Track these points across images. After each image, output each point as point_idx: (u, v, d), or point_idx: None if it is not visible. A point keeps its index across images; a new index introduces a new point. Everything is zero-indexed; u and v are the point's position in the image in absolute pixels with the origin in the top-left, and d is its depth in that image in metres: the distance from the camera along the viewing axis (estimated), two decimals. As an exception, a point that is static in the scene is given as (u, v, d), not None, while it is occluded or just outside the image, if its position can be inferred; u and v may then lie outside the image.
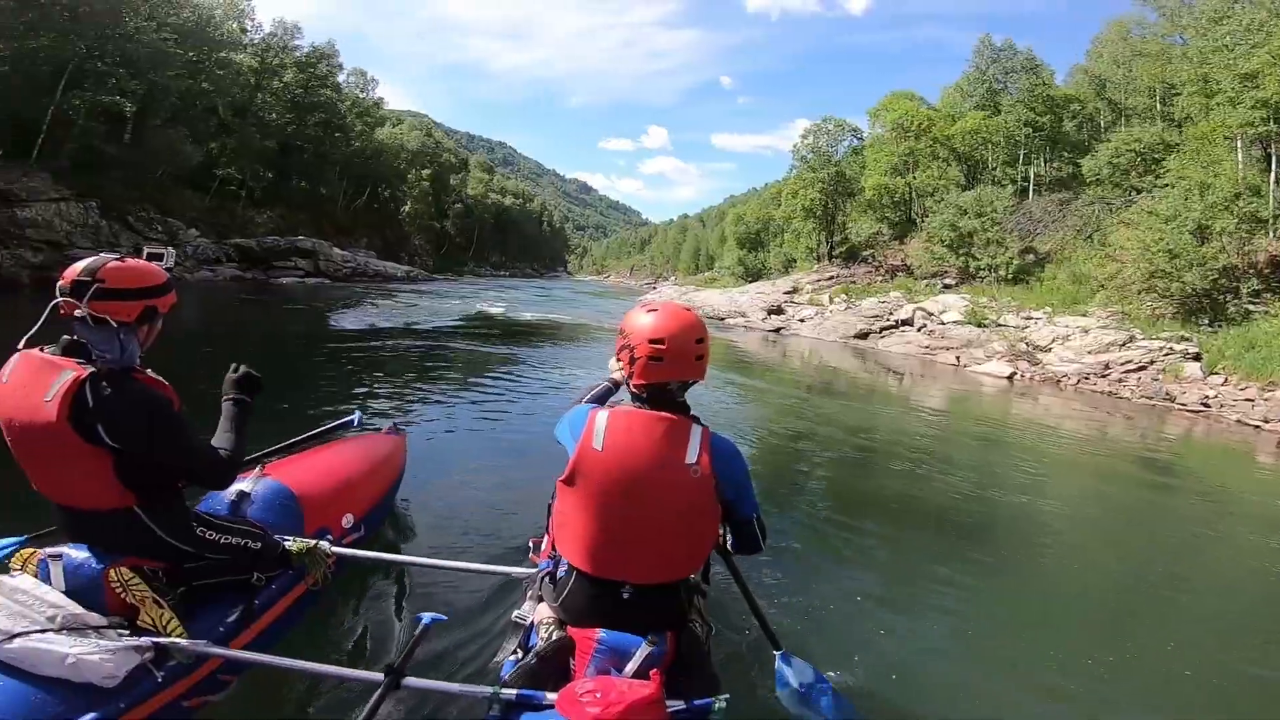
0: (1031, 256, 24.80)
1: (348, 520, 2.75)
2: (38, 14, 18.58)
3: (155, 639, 1.72)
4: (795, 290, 29.32)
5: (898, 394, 12.56)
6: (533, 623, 1.82)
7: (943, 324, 20.10)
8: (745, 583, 2.10)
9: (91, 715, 1.54)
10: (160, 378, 1.85)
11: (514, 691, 1.54)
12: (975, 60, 33.43)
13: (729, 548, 1.97)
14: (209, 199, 30.45)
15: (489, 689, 1.58)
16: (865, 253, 31.85)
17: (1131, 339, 15.67)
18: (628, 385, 1.78)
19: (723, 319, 25.86)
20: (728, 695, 1.55)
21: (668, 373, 1.67)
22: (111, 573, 1.76)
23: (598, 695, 1.37)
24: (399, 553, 3.08)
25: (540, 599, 1.85)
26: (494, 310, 21.86)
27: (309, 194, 41.25)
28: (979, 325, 19.59)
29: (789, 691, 1.89)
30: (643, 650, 1.59)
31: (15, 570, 1.81)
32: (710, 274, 74.46)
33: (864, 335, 20.69)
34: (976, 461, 7.21)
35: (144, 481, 1.79)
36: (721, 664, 1.96)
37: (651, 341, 1.65)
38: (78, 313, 1.69)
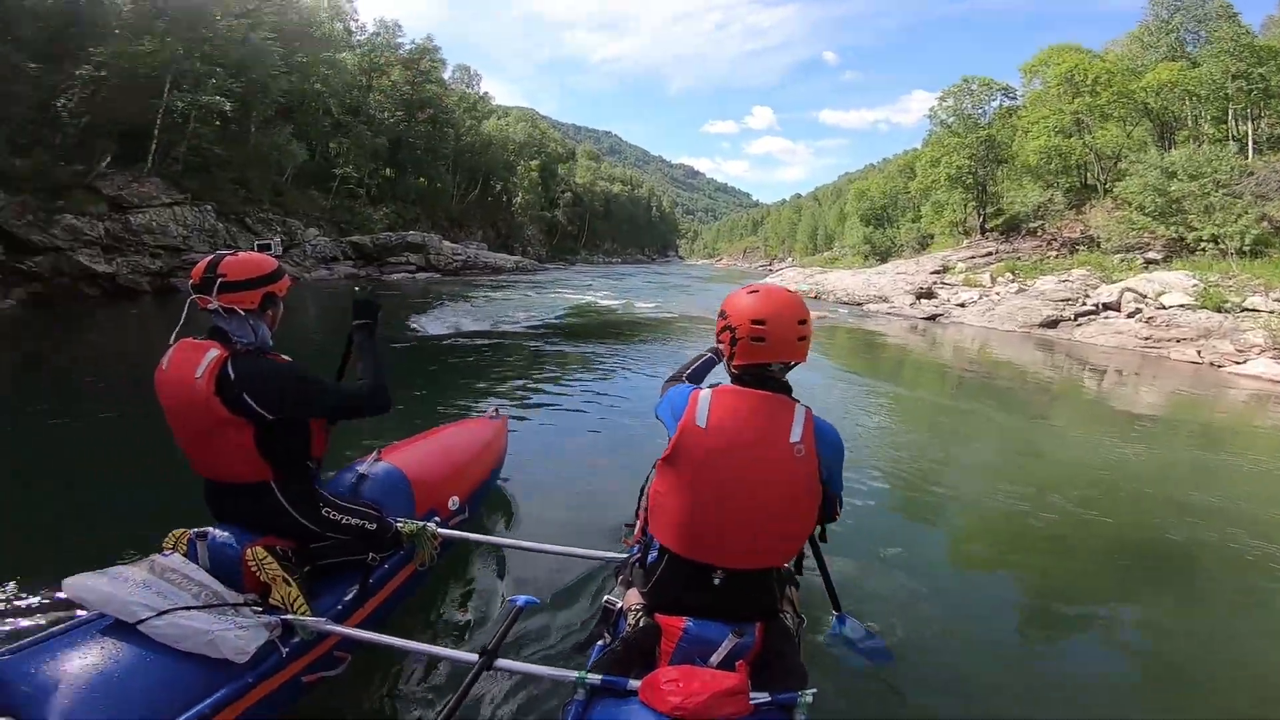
0: (1266, 225, 19.39)
1: (453, 502, 2.84)
2: (132, 14, 18.74)
3: (283, 616, 1.88)
4: (945, 269, 25.29)
5: (1130, 409, 8.89)
6: (621, 608, 1.79)
7: (1163, 308, 15.78)
8: (821, 552, 2.11)
9: (224, 689, 1.68)
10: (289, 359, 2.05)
11: (599, 677, 1.54)
12: (1154, 9, 27.73)
13: None
14: (330, 198, 31.23)
15: (575, 673, 1.58)
16: (1034, 224, 26.95)
17: None
18: (728, 367, 1.75)
19: (860, 304, 22.58)
20: (814, 689, 1.49)
21: (769, 353, 1.64)
22: (248, 552, 1.96)
23: (680, 684, 1.37)
24: (498, 535, 3.16)
25: (630, 584, 1.83)
26: (603, 301, 20.14)
27: (422, 189, 41.99)
28: (1216, 310, 15.19)
29: (839, 640, 2.08)
30: (729, 641, 1.56)
31: (168, 550, 1.98)
32: (830, 254, 69.97)
33: (1053, 323, 16.75)
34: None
35: (280, 455, 2.01)
36: (811, 657, 1.90)
37: (754, 322, 1.62)
38: (210, 305, 1.96)
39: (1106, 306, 16.83)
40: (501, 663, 1.78)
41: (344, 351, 2.37)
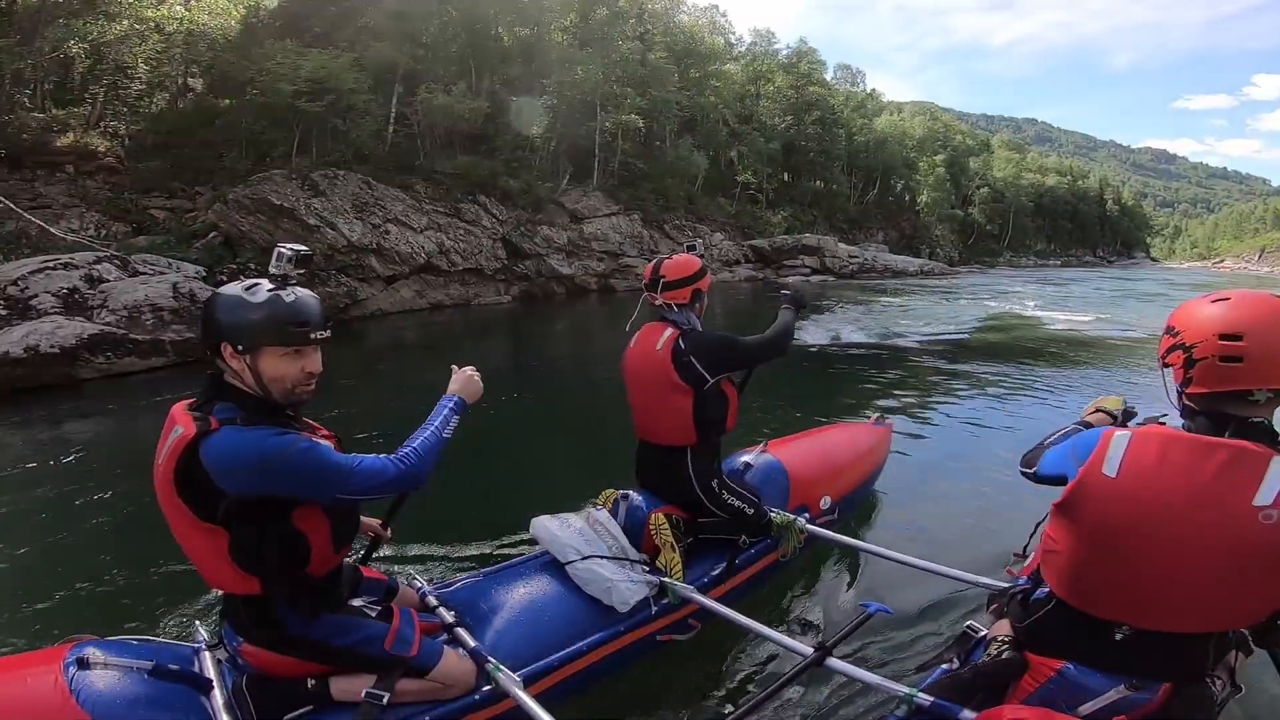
0: None
1: (825, 502, 2.94)
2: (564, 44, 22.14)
3: (662, 578, 2.21)
4: None
5: None
6: (984, 636, 1.67)
7: None
8: None
9: (602, 633, 2.07)
10: None
11: (930, 699, 1.48)
12: None
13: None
14: (733, 204, 32.90)
15: (905, 689, 1.55)
16: None
17: None
18: (1177, 400, 1.37)
19: None
20: None
21: (1250, 378, 1.22)
22: (652, 517, 2.36)
23: None
24: (864, 540, 2.97)
25: (1003, 615, 1.63)
26: (1026, 311, 15.96)
27: (818, 191, 41.58)
28: None
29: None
30: (1115, 692, 1.31)
31: (599, 505, 2.48)
32: None
33: None
34: None
35: (704, 422, 2.37)
36: None
37: (1223, 337, 1.22)
38: (657, 301, 2.42)
39: None
40: (833, 662, 1.81)
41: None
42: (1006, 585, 1.82)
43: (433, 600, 2.01)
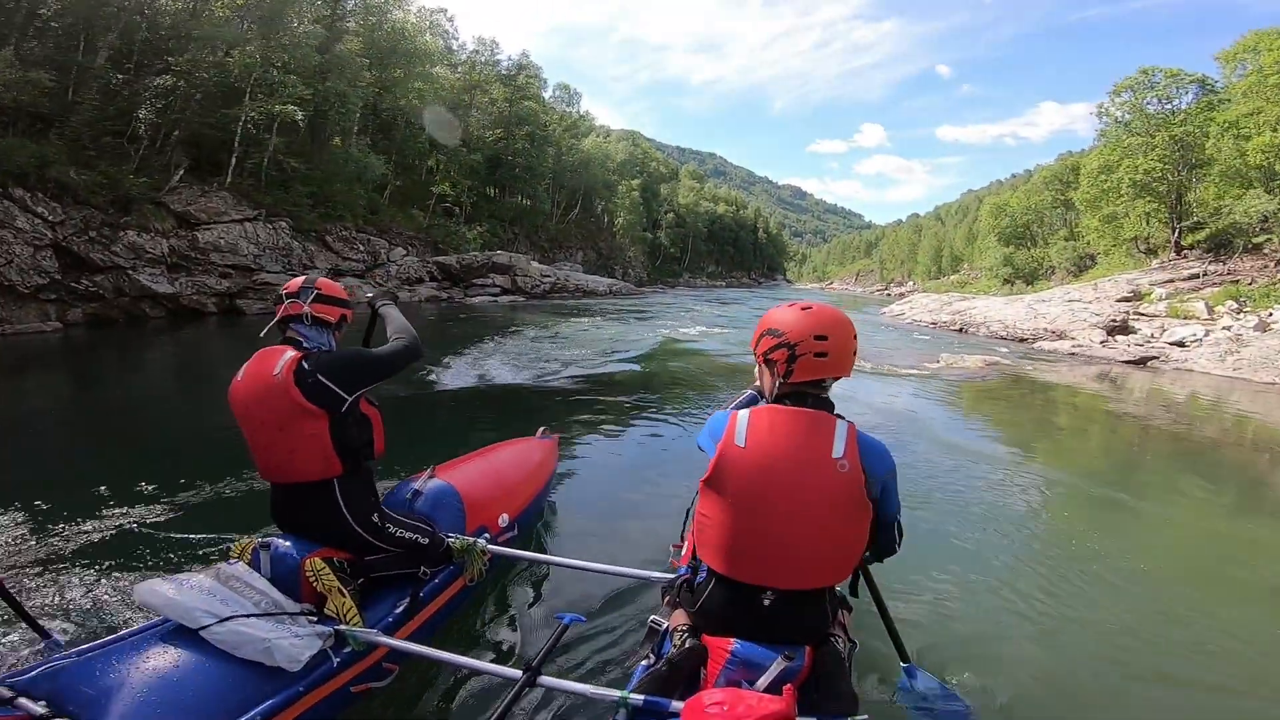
0: None
1: (503, 520, 2.85)
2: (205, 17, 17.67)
3: (336, 626, 1.93)
4: (1136, 296, 19.88)
5: None
6: (667, 629, 1.79)
7: None
8: (880, 593, 2.05)
9: (276, 697, 1.70)
10: None
11: (641, 698, 1.55)
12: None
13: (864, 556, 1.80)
14: (428, 217, 30.29)
15: (617, 693, 1.59)
16: (1257, 239, 20.85)
17: None
18: (774, 387, 1.69)
19: (1024, 340, 17.80)
20: (865, 716, 1.46)
21: (831, 368, 1.63)
22: (307, 563, 2.02)
23: (725, 708, 1.33)
24: (546, 552, 3.15)
25: (676, 605, 1.81)
26: (695, 340, 16.81)
27: (521, 209, 40.83)
28: None
29: (911, 699, 1.98)
30: (777, 665, 1.52)
31: (234, 559, 2.06)
32: (957, 277, 63.15)
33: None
34: None
35: (346, 449, 2.10)
36: (861, 681, 2.03)
37: (816, 338, 1.60)
38: (302, 310, 2.17)
39: None
40: (544, 680, 1.78)
41: (368, 325, 2.58)
42: (673, 576, 2.04)
43: (4, 691, 1.51)
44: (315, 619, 1.94)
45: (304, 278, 2.30)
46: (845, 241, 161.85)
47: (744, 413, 1.63)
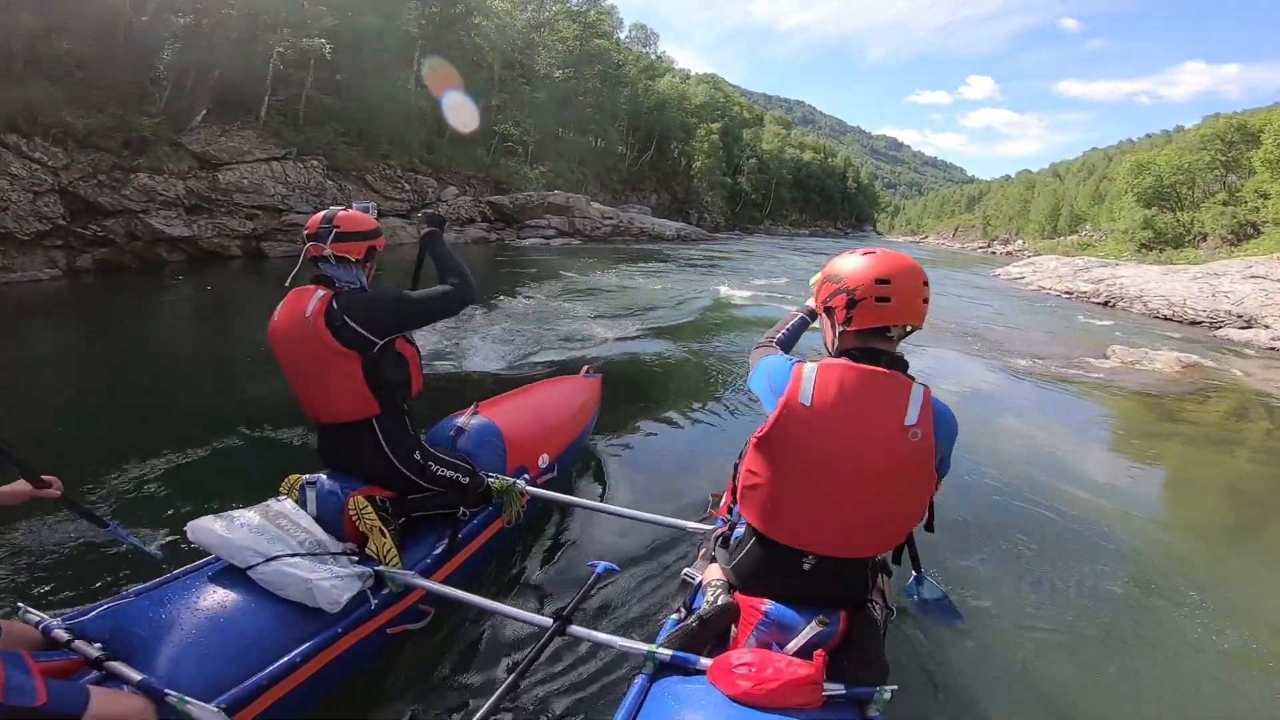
0: None
1: (544, 460, 2.74)
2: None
3: (376, 567, 1.89)
4: (1355, 269, 14.96)
5: None
6: (701, 583, 1.71)
7: None
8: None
9: (315, 639, 1.68)
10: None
11: (669, 652, 1.49)
12: None
13: None
14: (490, 156, 28.05)
15: (646, 647, 1.53)
16: None
17: None
18: (835, 338, 1.54)
19: (1198, 323, 13.59)
20: (895, 685, 1.36)
21: (895, 315, 1.44)
22: (350, 501, 1.98)
23: (752, 669, 1.31)
24: (583, 496, 3.01)
25: (712, 559, 1.74)
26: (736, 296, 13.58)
27: (591, 149, 37.90)
28: None
29: (914, 599, 2.07)
30: (811, 629, 1.43)
31: (283, 494, 2.05)
32: (1077, 238, 55.38)
33: None
34: None
35: (383, 389, 2.00)
36: (896, 651, 1.89)
37: (878, 281, 1.43)
38: (324, 252, 2.01)
39: None
40: (574, 629, 1.76)
41: (416, 264, 2.37)
42: (710, 528, 1.99)
43: (63, 634, 1.52)
44: (356, 558, 1.90)
45: (323, 214, 2.07)
46: (944, 195, 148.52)
47: (811, 366, 1.44)
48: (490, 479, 2.38)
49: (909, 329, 1.48)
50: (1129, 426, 5.73)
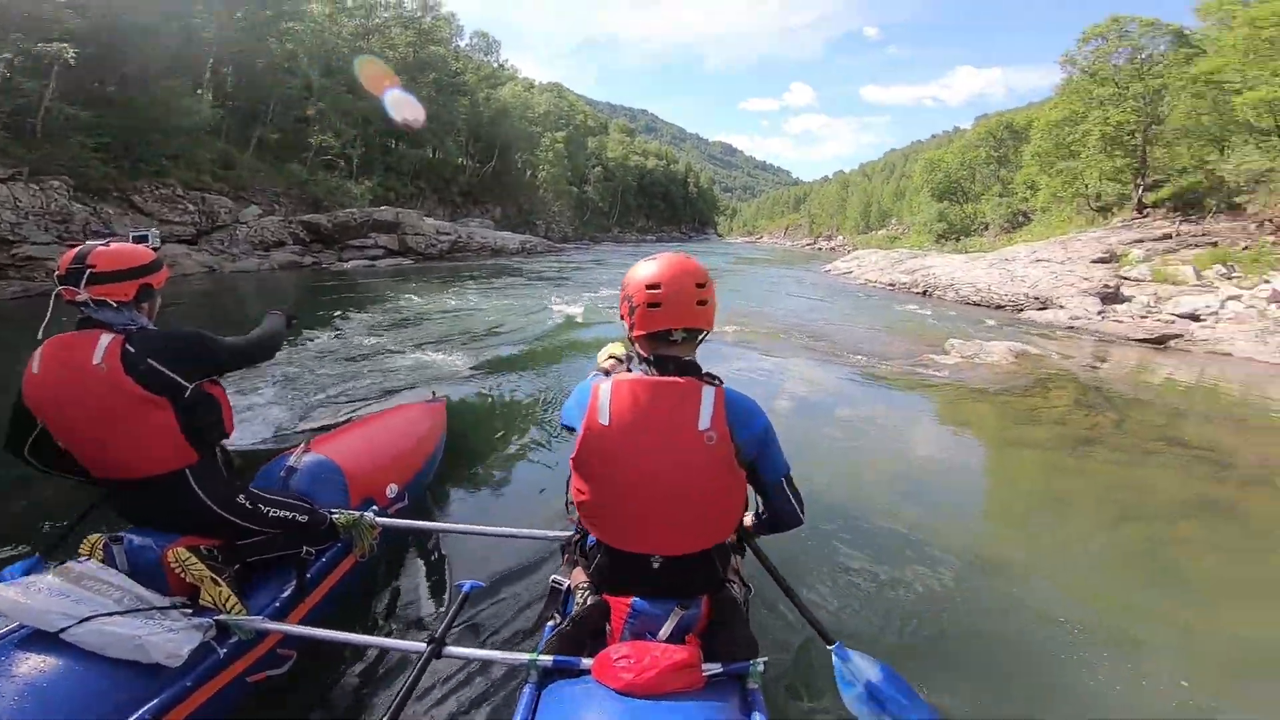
0: None
1: (392, 490, 2.64)
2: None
3: (215, 617, 1.72)
4: (1111, 257, 17.28)
5: None
6: (569, 587, 1.70)
7: None
8: (777, 571, 1.81)
9: (162, 695, 1.53)
10: None
11: (550, 658, 1.47)
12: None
13: (751, 528, 1.77)
14: (305, 171, 24.86)
15: (526, 656, 1.50)
16: (1240, 199, 18.53)
17: None
18: (632, 347, 1.61)
19: (1003, 307, 14.83)
20: (766, 658, 1.44)
21: (666, 319, 1.46)
22: (170, 553, 1.76)
23: (632, 660, 1.33)
24: (440, 520, 2.94)
25: (575, 563, 1.73)
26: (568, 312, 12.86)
27: (426, 161, 35.33)
28: None
29: (855, 692, 1.63)
30: (675, 615, 1.47)
31: (83, 556, 1.77)
32: (886, 232, 61.58)
33: None
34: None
35: (197, 435, 1.81)
36: (761, 626, 1.96)
37: (649, 287, 1.46)
38: (79, 298, 1.72)
39: None
40: (450, 650, 1.66)
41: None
42: (569, 534, 1.90)
43: None
44: (190, 611, 1.71)
45: (76, 251, 1.75)
46: (775, 197, 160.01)
47: (605, 385, 1.46)
48: (333, 514, 2.20)
49: (701, 334, 1.51)
50: (989, 432, 5.57)
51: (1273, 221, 17.36)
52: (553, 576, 1.76)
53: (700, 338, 1.52)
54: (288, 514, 2.02)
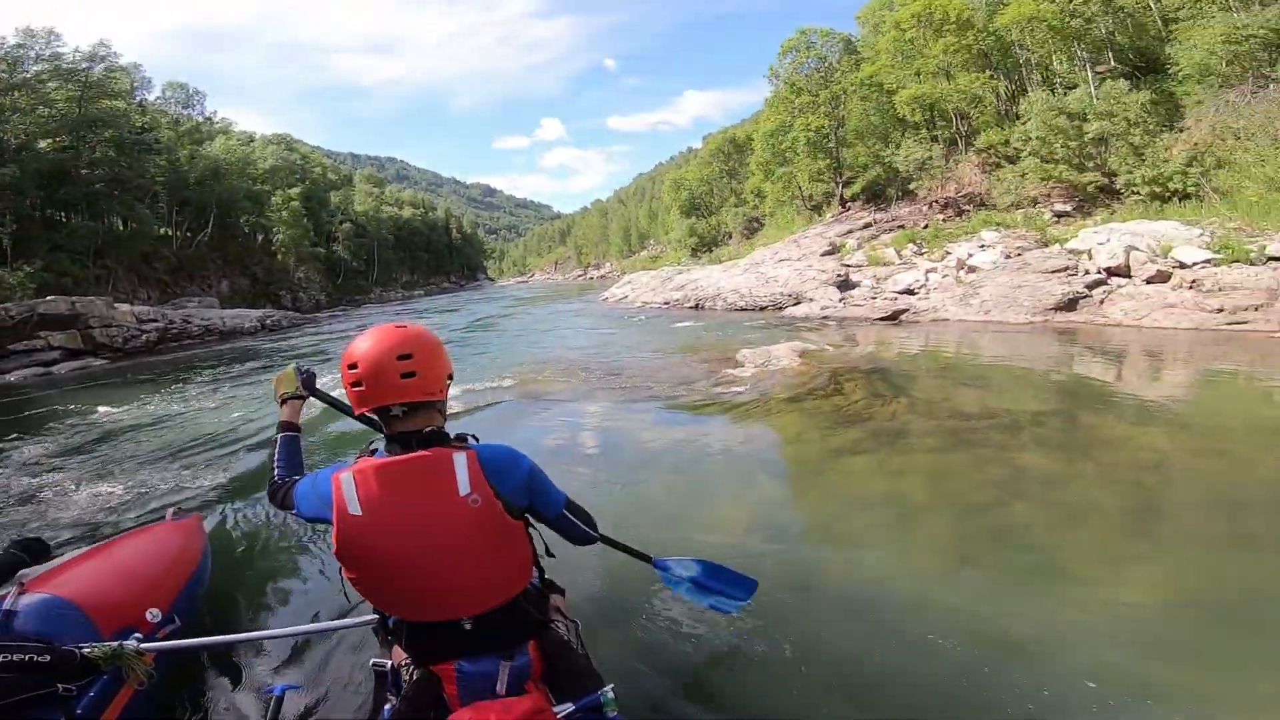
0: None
1: (154, 615, 2.40)
2: None
3: None
4: (834, 250, 19.86)
5: None
6: (393, 667, 1.60)
7: (1183, 266, 11.30)
8: (583, 526, 1.65)
9: None
10: None
11: None
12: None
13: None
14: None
15: None
16: (912, 185, 22.58)
17: None
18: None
19: (766, 308, 16.00)
20: (613, 684, 1.42)
21: (373, 398, 1.42)
22: None
23: None
24: (233, 631, 2.52)
25: (389, 643, 1.64)
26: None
27: (114, 235, 28.92)
28: (1249, 263, 10.89)
29: (684, 588, 1.91)
30: (504, 669, 1.43)
31: None
32: (646, 253, 65.75)
33: (1071, 304, 11.36)
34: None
35: None
36: (605, 653, 2.06)
37: (349, 367, 1.43)
38: None
39: (1111, 273, 11.86)
40: None
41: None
42: (374, 615, 1.76)
43: None
44: None
45: None
46: (540, 233, 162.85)
47: (346, 476, 1.37)
48: (83, 649, 1.89)
49: (426, 404, 1.45)
50: (812, 446, 5.40)
51: (938, 201, 21.44)
52: (373, 660, 1.69)
53: (439, 406, 1.49)
54: (20, 657, 1.76)
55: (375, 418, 1.47)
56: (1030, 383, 7.41)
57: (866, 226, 21.63)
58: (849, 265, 17.72)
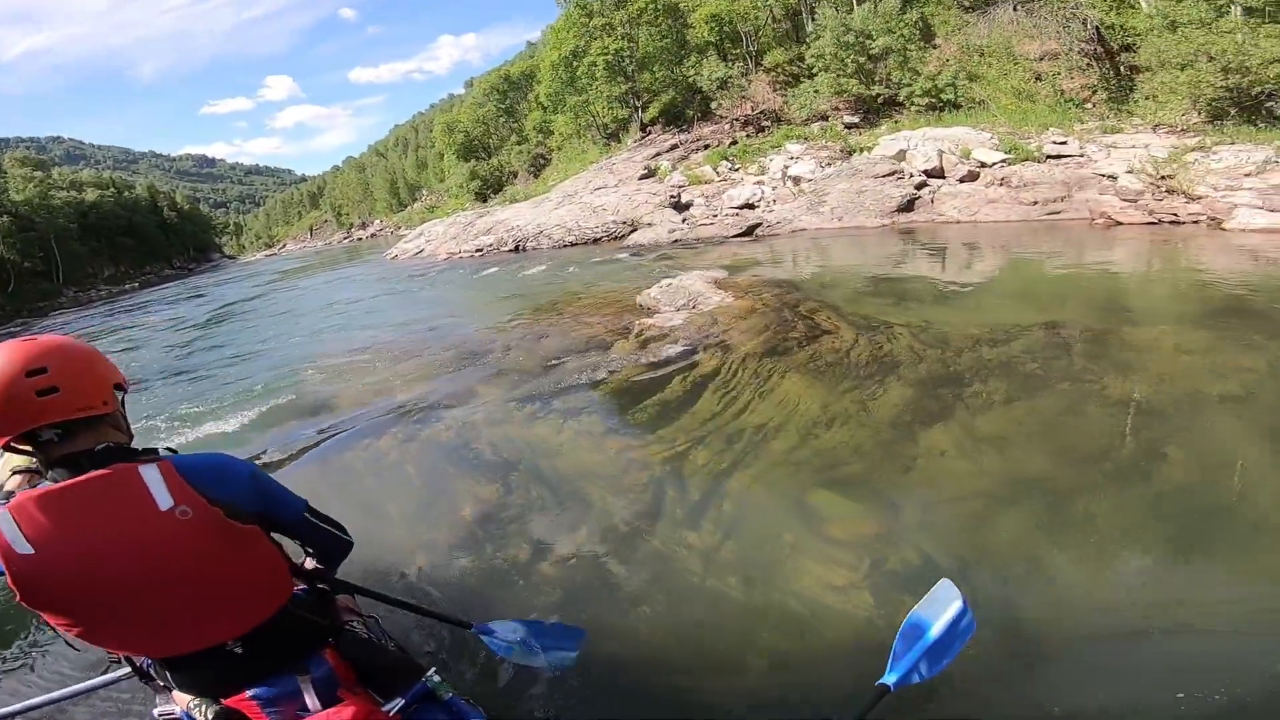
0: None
1: None
2: None
3: None
4: (650, 173, 18.63)
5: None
6: (185, 712, 1.33)
7: (985, 165, 12.07)
8: (382, 594, 1.56)
9: None
10: None
11: None
12: None
13: (316, 570, 1.45)
14: None
15: None
16: (713, 106, 21.93)
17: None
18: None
19: (600, 240, 14.28)
20: (434, 668, 1.33)
21: (8, 425, 1.10)
22: None
23: None
24: None
25: (160, 688, 1.41)
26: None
27: None
28: (1038, 161, 11.91)
29: (513, 653, 1.72)
30: (305, 682, 1.25)
31: None
32: (420, 205, 59.27)
33: (910, 205, 11.43)
34: None
35: None
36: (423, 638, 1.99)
37: None
38: None
39: (929, 174, 12.22)
40: None
41: None
42: (126, 670, 1.55)
43: None
44: None
45: None
46: (284, 199, 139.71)
47: (3, 512, 1.09)
48: None
49: (84, 419, 1.14)
50: (848, 433, 3.95)
51: (739, 119, 21.20)
52: (156, 711, 1.41)
53: (111, 420, 1.18)
54: None
55: (29, 448, 1.12)
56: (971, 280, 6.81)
57: (674, 148, 20.74)
58: (674, 185, 16.62)
